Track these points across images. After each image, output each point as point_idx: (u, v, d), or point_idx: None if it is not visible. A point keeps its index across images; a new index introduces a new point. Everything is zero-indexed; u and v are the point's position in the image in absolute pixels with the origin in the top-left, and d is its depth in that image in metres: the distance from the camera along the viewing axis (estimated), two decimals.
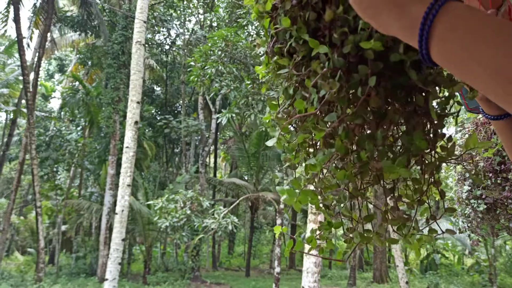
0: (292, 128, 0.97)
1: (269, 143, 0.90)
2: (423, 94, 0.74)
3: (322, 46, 0.73)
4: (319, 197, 0.88)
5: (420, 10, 0.51)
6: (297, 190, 0.85)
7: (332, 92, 0.72)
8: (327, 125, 0.78)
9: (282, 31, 0.83)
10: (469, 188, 2.76)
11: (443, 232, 0.84)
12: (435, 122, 0.78)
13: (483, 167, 2.68)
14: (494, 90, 0.46)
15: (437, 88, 0.75)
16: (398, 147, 0.79)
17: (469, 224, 2.94)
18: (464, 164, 2.84)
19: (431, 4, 0.50)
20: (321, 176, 0.88)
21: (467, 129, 2.94)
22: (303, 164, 0.94)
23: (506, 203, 2.62)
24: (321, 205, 0.89)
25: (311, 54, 0.76)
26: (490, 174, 2.65)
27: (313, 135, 0.88)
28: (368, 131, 0.78)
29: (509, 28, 0.46)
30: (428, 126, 0.78)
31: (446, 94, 0.79)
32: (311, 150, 0.92)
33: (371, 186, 0.84)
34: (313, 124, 0.84)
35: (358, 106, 0.72)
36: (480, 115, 2.86)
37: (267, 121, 1.00)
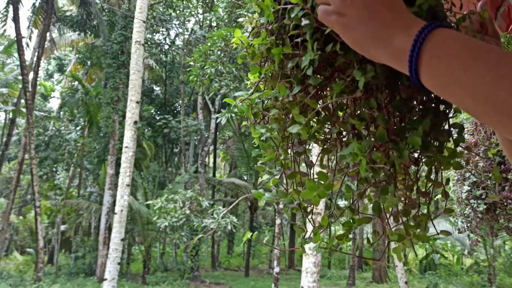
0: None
1: (293, 129, 0.82)
2: None
3: None
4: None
5: (404, 40, 0.56)
6: (322, 183, 0.80)
7: (377, 77, 0.70)
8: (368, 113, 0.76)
9: (293, 7, 0.80)
10: (469, 188, 2.75)
11: (438, 234, 0.84)
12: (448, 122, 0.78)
13: (483, 167, 2.68)
14: (477, 112, 0.51)
15: None
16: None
17: (468, 224, 2.94)
18: (464, 164, 2.84)
19: (417, 36, 0.55)
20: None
21: (466, 129, 2.94)
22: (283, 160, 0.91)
23: (505, 203, 2.62)
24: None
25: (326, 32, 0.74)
26: (490, 174, 2.64)
27: (330, 125, 0.85)
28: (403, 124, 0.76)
29: (485, 53, 0.51)
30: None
31: None
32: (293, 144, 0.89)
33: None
34: (346, 112, 0.82)
35: (402, 92, 0.71)
36: None
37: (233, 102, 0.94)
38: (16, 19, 17.03)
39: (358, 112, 0.79)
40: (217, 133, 26.11)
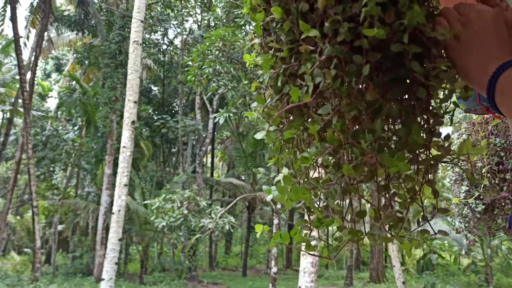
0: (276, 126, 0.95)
1: (258, 136, 0.88)
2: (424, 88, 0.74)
3: (313, 30, 0.72)
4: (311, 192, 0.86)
5: (487, 73, 0.70)
6: (288, 187, 0.82)
7: (327, 82, 0.71)
8: (322, 117, 0.77)
9: (274, 22, 0.82)
10: (467, 188, 2.76)
11: (435, 233, 0.84)
12: (432, 119, 0.77)
13: (481, 167, 2.68)
14: None
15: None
16: (392, 144, 0.78)
17: (466, 224, 2.94)
18: (461, 164, 2.84)
19: (496, 68, 0.68)
20: (312, 171, 0.85)
21: (465, 129, 2.94)
22: (288, 162, 0.93)
23: (503, 204, 2.62)
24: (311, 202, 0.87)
25: (301, 37, 0.75)
26: (488, 175, 2.64)
27: (302, 130, 0.86)
28: (359, 126, 0.77)
29: None
30: (423, 122, 0.78)
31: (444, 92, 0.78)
32: (297, 147, 0.91)
33: (364, 182, 0.83)
34: (304, 118, 0.83)
35: (353, 96, 0.72)
36: (477, 115, 2.85)
37: (253, 116, 0.98)
38: (14, 19, 16.98)
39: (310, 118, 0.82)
40: (215, 133, 26.09)
